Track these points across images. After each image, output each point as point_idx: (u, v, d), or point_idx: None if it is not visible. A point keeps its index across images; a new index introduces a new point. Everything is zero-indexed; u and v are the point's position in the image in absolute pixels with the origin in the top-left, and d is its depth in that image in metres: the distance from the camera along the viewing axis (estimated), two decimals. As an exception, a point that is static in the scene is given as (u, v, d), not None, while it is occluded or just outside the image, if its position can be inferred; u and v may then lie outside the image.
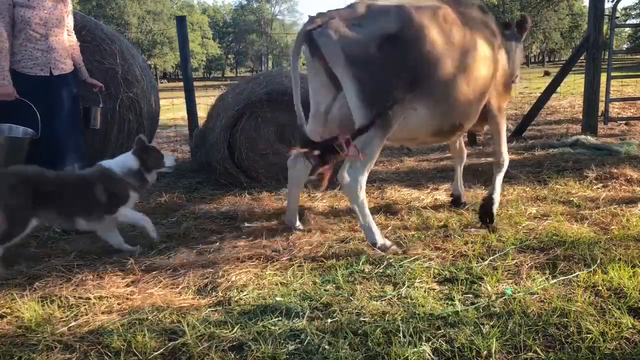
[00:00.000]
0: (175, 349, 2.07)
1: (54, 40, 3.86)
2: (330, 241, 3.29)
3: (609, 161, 5.16)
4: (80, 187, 3.16)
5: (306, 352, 2.00)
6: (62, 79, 3.91)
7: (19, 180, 2.98)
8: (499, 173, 3.65)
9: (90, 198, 3.11)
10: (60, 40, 3.90)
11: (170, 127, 9.94)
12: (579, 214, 3.61)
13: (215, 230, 3.63)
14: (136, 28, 44.65)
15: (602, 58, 7.27)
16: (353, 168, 3.04)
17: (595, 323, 2.13)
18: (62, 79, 3.91)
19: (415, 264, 2.84)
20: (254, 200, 4.36)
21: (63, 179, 3.20)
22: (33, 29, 3.72)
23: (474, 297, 2.45)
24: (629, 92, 11.26)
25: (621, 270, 2.59)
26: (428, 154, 6.49)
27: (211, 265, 2.92)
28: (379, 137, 2.99)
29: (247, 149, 4.85)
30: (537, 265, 2.80)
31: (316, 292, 2.54)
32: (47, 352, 2.07)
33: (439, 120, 3.19)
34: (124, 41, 5.27)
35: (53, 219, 3.15)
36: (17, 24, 3.69)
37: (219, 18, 68.29)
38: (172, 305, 2.42)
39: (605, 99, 7.34)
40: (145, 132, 5.09)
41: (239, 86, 5.20)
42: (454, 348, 2.00)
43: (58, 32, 3.88)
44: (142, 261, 3.03)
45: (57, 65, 3.87)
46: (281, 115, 4.86)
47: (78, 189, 3.15)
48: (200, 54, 52.58)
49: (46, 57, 3.81)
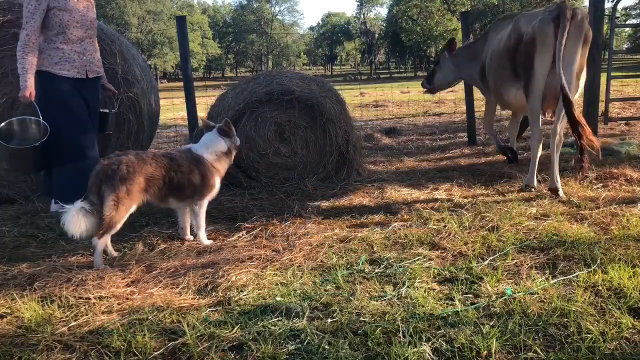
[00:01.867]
0: (175, 349, 2.07)
1: (89, 42, 3.97)
2: (330, 241, 3.29)
3: (609, 161, 5.16)
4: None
5: (306, 352, 2.00)
6: (95, 81, 4.03)
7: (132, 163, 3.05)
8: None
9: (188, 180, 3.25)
10: (93, 42, 4.05)
11: (170, 127, 9.95)
12: (579, 214, 3.61)
13: (215, 230, 3.64)
14: (136, 28, 44.67)
15: (602, 58, 7.26)
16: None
17: (595, 323, 2.13)
18: (95, 81, 4.02)
19: (415, 264, 2.84)
20: (254, 200, 4.36)
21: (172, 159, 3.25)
22: (71, 32, 3.79)
23: (474, 297, 2.45)
24: (629, 92, 11.27)
25: (621, 270, 2.59)
26: (428, 154, 6.50)
27: (211, 265, 2.92)
28: None
29: (247, 149, 4.85)
30: (537, 265, 2.80)
31: (316, 292, 2.54)
32: (47, 352, 2.07)
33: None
34: (124, 41, 5.27)
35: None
36: (53, 27, 3.77)
37: (219, 18, 68.31)
38: (172, 305, 2.42)
39: (605, 99, 7.34)
40: (145, 132, 5.10)
41: (239, 86, 5.19)
42: (454, 348, 2.00)
43: (91, 35, 4.00)
44: (142, 261, 3.03)
45: (92, 67, 3.99)
46: (281, 115, 4.86)
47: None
48: (200, 54, 52.64)
49: (82, 60, 3.92)
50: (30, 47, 3.69)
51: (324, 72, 71.67)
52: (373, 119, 10.65)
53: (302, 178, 4.87)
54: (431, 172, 5.29)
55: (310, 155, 4.97)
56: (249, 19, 62.84)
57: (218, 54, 60.32)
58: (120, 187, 2.95)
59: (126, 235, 3.47)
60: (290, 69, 7.32)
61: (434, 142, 7.36)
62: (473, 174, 5.09)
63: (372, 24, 63.13)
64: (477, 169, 5.37)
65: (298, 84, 4.87)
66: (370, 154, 6.55)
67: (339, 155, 4.97)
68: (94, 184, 3.00)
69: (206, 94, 8.86)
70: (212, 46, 57.26)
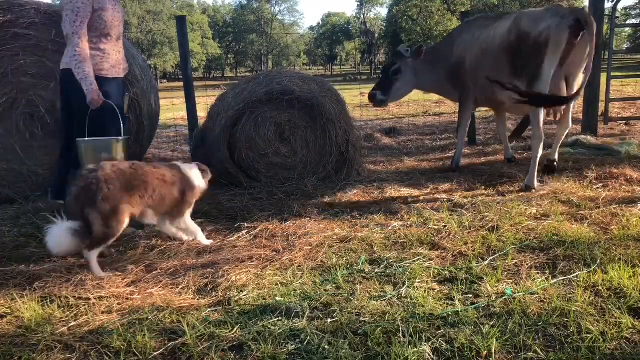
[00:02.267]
0: (175, 349, 2.07)
1: (121, 41, 3.92)
2: (330, 241, 3.29)
3: (609, 161, 5.16)
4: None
5: (306, 352, 2.00)
6: (122, 79, 4.00)
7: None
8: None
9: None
10: (122, 40, 3.96)
11: (170, 127, 9.94)
12: (579, 214, 3.61)
13: (215, 230, 3.64)
14: (136, 28, 44.65)
15: (602, 58, 7.26)
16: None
17: (595, 323, 2.13)
18: (122, 79, 3.99)
19: (415, 264, 2.84)
20: (254, 200, 4.36)
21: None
22: (113, 32, 3.76)
23: (474, 297, 2.45)
24: (629, 92, 11.27)
25: (621, 270, 2.59)
26: (428, 154, 6.50)
27: (211, 265, 2.92)
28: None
29: (247, 149, 4.85)
30: (537, 265, 2.80)
31: (316, 292, 2.54)
32: (47, 352, 2.07)
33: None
34: (124, 41, 5.26)
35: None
36: (98, 29, 3.68)
37: (219, 18, 68.31)
38: (172, 305, 2.42)
39: (605, 99, 7.34)
40: (145, 132, 5.09)
41: (239, 86, 5.19)
42: (454, 348, 2.00)
43: (122, 33, 3.93)
44: (142, 261, 3.03)
45: (124, 65, 3.93)
46: (281, 115, 4.86)
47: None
48: (200, 54, 52.64)
49: (119, 58, 3.88)
50: (84, 53, 3.58)
51: (324, 72, 71.63)
52: (373, 119, 10.65)
53: (302, 178, 4.87)
54: (431, 172, 5.30)
55: (310, 155, 4.97)
56: (249, 19, 62.84)
57: (218, 54, 60.33)
58: (105, 207, 2.81)
59: (126, 235, 3.46)
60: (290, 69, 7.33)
61: (434, 142, 7.36)
62: (473, 174, 5.09)
63: (372, 24, 63.13)
64: (477, 169, 5.37)
65: (298, 84, 4.87)
66: (370, 154, 6.55)
67: (339, 155, 4.97)
68: (75, 208, 2.84)
69: (206, 94, 8.86)
70: (212, 46, 57.26)
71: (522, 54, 4.34)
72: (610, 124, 7.73)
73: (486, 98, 5.05)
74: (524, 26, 4.36)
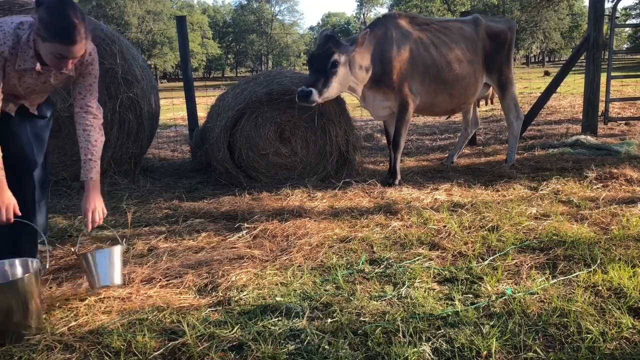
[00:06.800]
0: (175, 349, 2.07)
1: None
2: (330, 241, 3.29)
3: (609, 161, 5.16)
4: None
5: (306, 352, 2.00)
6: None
7: None
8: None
9: None
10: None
11: (170, 127, 9.94)
12: (579, 214, 3.61)
13: (215, 230, 3.63)
14: (136, 28, 44.63)
15: (602, 58, 7.27)
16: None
17: (595, 323, 2.13)
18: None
19: (415, 264, 2.84)
20: (254, 200, 4.36)
21: None
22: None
23: (474, 297, 2.45)
24: (629, 92, 11.26)
25: (621, 270, 2.59)
26: (428, 154, 6.50)
27: (211, 265, 2.92)
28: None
29: (247, 149, 4.85)
30: (537, 265, 2.80)
31: (316, 292, 2.54)
32: (47, 352, 2.07)
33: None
34: (124, 41, 5.27)
35: None
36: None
37: (219, 18, 68.28)
38: (172, 305, 2.42)
39: (605, 99, 7.34)
40: (145, 132, 5.10)
41: (239, 86, 5.20)
42: (454, 348, 2.00)
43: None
44: (142, 261, 3.03)
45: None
46: (281, 115, 4.86)
47: None
48: (200, 54, 52.60)
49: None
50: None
51: (324, 72, 71.41)
52: (373, 118, 10.63)
53: (302, 178, 4.87)
54: (431, 172, 5.29)
55: (310, 155, 4.97)
56: (249, 19, 62.78)
57: (218, 54, 60.30)
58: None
59: (125, 236, 3.46)
60: (290, 69, 7.32)
61: (434, 142, 7.36)
62: (473, 174, 5.09)
63: (372, 24, 63.05)
64: (477, 169, 5.37)
65: (298, 84, 4.87)
66: (370, 154, 6.55)
67: (339, 155, 4.97)
68: None
69: (206, 94, 8.85)
70: (212, 46, 57.22)
71: (494, 51, 5.30)
72: (610, 123, 7.73)
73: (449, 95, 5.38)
74: (493, 27, 5.26)
